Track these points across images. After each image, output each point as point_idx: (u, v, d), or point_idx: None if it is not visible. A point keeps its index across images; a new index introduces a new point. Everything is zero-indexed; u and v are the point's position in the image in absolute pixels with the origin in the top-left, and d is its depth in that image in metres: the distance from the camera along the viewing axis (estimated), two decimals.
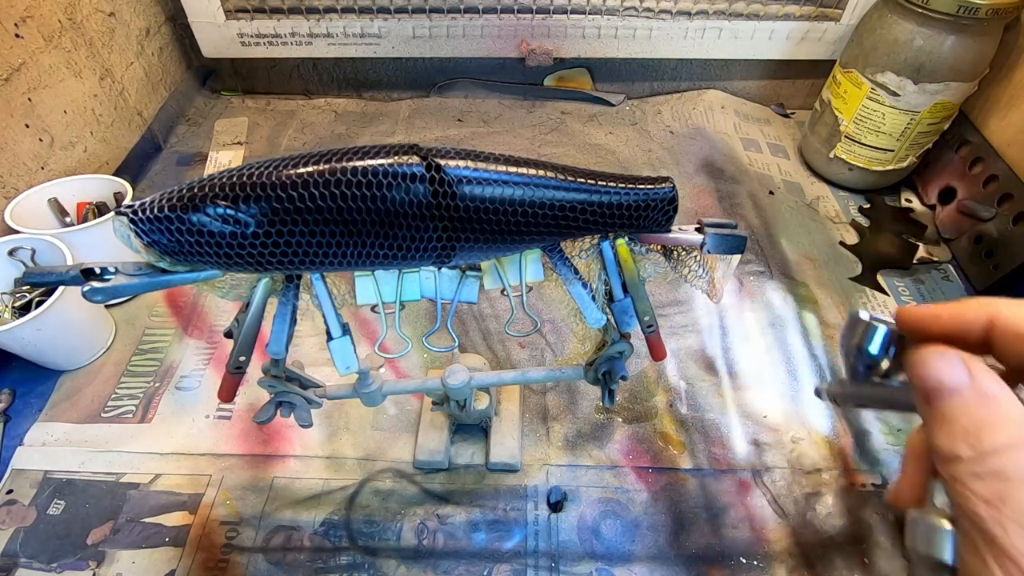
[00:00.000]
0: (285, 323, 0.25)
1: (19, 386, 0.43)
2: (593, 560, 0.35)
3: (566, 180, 0.23)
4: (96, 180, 0.49)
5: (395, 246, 0.22)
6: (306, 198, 0.20)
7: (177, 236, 0.21)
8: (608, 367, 0.31)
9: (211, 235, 0.21)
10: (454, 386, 0.31)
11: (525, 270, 0.26)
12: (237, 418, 0.42)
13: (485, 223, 0.22)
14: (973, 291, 0.53)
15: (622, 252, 0.26)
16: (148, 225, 0.21)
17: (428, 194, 0.21)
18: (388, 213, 0.21)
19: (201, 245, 0.21)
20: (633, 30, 0.67)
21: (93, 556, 0.35)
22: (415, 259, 0.23)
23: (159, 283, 0.23)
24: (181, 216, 0.20)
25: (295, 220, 0.21)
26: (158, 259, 0.22)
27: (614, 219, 0.24)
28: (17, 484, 0.38)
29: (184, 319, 0.48)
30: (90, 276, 0.21)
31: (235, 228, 0.20)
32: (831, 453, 0.41)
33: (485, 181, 0.22)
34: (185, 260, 0.22)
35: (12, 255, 0.42)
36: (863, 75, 0.56)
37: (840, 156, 0.61)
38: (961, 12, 0.48)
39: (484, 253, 0.24)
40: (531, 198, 0.22)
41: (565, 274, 0.26)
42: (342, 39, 0.67)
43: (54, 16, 0.52)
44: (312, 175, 0.20)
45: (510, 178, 0.22)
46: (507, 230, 0.22)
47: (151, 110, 0.65)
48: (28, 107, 0.48)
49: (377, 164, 0.21)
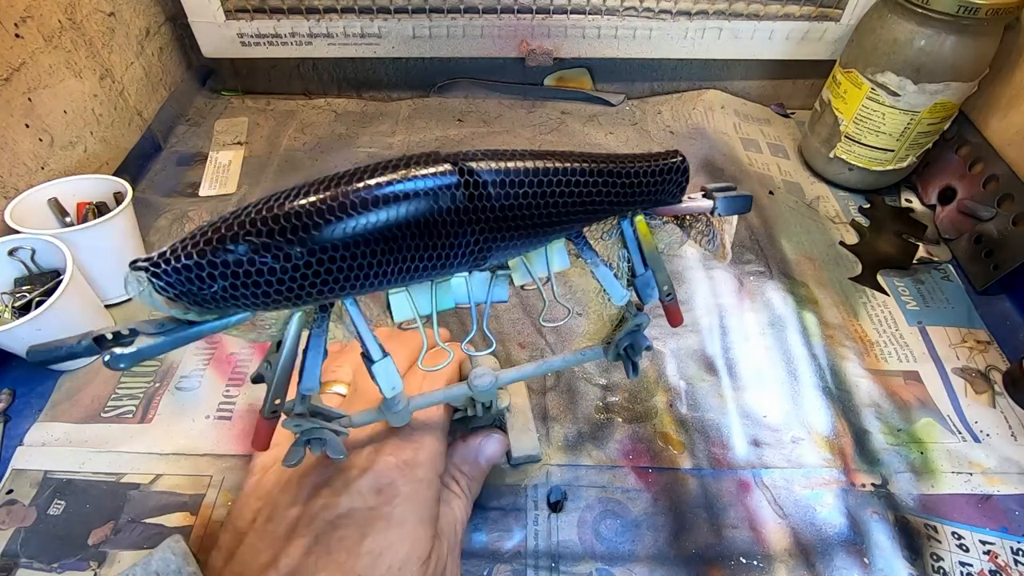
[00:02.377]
0: (319, 356, 0.24)
1: (19, 386, 0.43)
2: (593, 560, 0.35)
3: (589, 166, 0.23)
4: (96, 180, 0.49)
5: (435, 256, 0.22)
6: (347, 222, 0.19)
7: (209, 283, 0.19)
8: (630, 341, 0.31)
9: (247, 275, 0.19)
10: (482, 388, 0.31)
11: (552, 260, 0.27)
12: (237, 418, 0.42)
13: (519, 219, 0.22)
14: (973, 291, 0.53)
15: (641, 228, 0.27)
16: (174, 276, 0.19)
17: (464, 199, 0.21)
18: (428, 224, 0.21)
19: (236, 288, 0.19)
20: (633, 30, 0.67)
21: (94, 556, 0.35)
22: (453, 266, 0.23)
23: (189, 337, 0.21)
24: (213, 260, 0.19)
25: (336, 246, 0.20)
26: (184, 312, 0.20)
27: (633, 197, 0.25)
28: (17, 484, 0.38)
29: None
30: (102, 342, 0.20)
31: (274, 264, 0.19)
32: (831, 453, 0.41)
33: (515, 181, 0.22)
34: (216, 307, 0.20)
35: (12, 255, 0.42)
36: (863, 75, 0.56)
37: (840, 156, 0.61)
38: (961, 12, 0.48)
39: (517, 250, 0.24)
40: (560, 190, 0.23)
41: (590, 258, 0.27)
42: (342, 39, 0.67)
43: (54, 16, 0.52)
44: (348, 197, 0.20)
45: (538, 174, 0.22)
46: (540, 223, 0.23)
47: (151, 110, 0.65)
48: (28, 107, 0.48)
49: (413, 177, 0.20)
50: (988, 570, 0.36)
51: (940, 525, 0.37)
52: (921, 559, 0.36)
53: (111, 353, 0.19)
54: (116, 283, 0.48)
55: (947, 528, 0.37)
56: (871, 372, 0.46)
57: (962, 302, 0.52)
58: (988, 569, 0.36)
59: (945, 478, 0.40)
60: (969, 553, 0.36)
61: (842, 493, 0.39)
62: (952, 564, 0.36)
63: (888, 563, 0.36)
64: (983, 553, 0.36)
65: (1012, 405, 0.44)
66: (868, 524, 0.37)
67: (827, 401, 0.44)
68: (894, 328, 0.50)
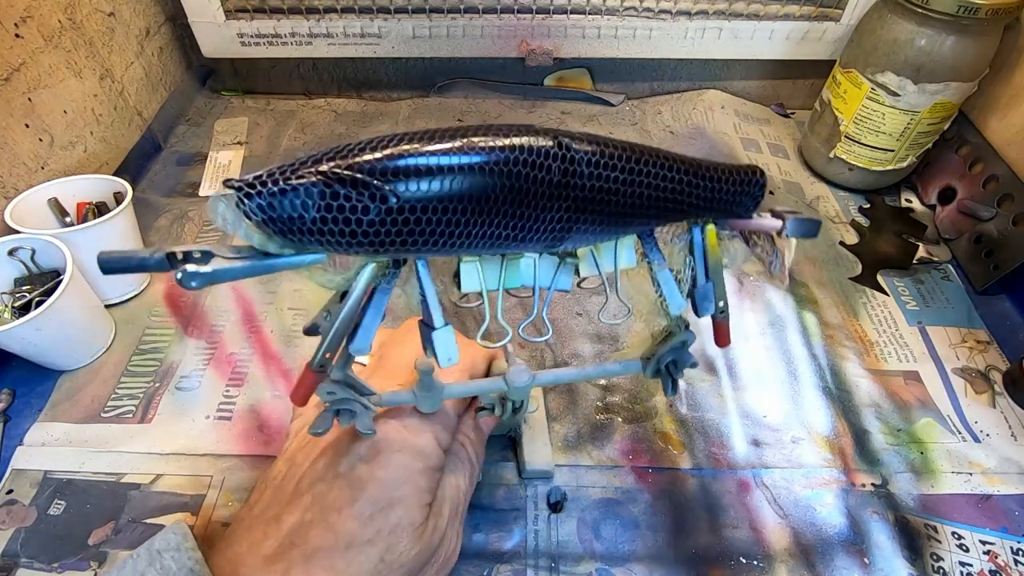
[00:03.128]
0: (379, 315, 0.24)
1: (19, 386, 0.43)
2: (593, 560, 0.35)
3: (675, 163, 0.24)
4: (96, 180, 0.49)
5: (520, 227, 0.22)
6: (447, 176, 0.20)
7: (302, 212, 0.19)
8: (674, 357, 0.31)
9: (340, 210, 0.19)
10: (518, 385, 0.30)
11: (620, 256, 0.27)
12: (238, 419, 0.42)
13: (605, 203, 0.23)
14: (973, 291, 0.53)
15: (710, 238, 0.27)
16: (269, 199, 0.19)
17: (559, 172, 0.21)
18: (522, 191, 0.21)
19: (327, 222, 0.19)
20: (633, 30, 0.67)
21: (95, 556, 0.35)
22: (533, 240, 0.23)
23: (263, 268, 0.21)
24: (310, 189, 0.19)
25: (432, 198, 0.20)
26: (265, 241, 0.20)
27: (710, 202, 0.25)
28: (17, 484, 0.38)
29: (184, 319, 0.48)
30: (174, 259, 0.19)
31: (369, 203, 0.19)
32: (831, 453, 0.41)
33: (608, 163, 0.22)
34: (298, 241, 0.20)
35: (12, 255, 0.42)
36: (863, 75, 0.56)
37: (840, 156, 0.61)
38: (961, 12, 0.48)
39: (594, 236, 0.24)
40: (647, 180, 0.23)
41: (657, 259, 0.27)
42: (342, 39, 0.67)
43: (54, 16, 0.52)
44: (452, 151, 0.20)
45: (630, 160, 0.23)
46: (623, 211, 0.23)
47: (151, 110, 0.65)
48: (28, 107, 0.48)
49: (518, 143, 0.21)
50: (988, 570, 0.36)
51: (940, 525, 0.37)
52: (921, 559, 0.36)
53: (183, 270, 0.19)
54: (116, 283, 0.48)
55: (947, 528, 0.37)
56: (871, 372, 0.46)
57: (962, 302, 0.52)
58: (988, 569, 0.36)
59: (945, 478, 0.40)
60: (969, 553, 0.36)
61: (842, 493, 0.39)
62: (952, 564, 0.36)
63: (888, 563, 0.36)
64: (983, 553, 0.36)
65: (1012, 405, 0.44)
66: (868, 524, 0.37)
67: (827, 401, 0.44)
68: (894, 328, 0.50)
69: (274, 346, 0.46)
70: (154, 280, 0.51)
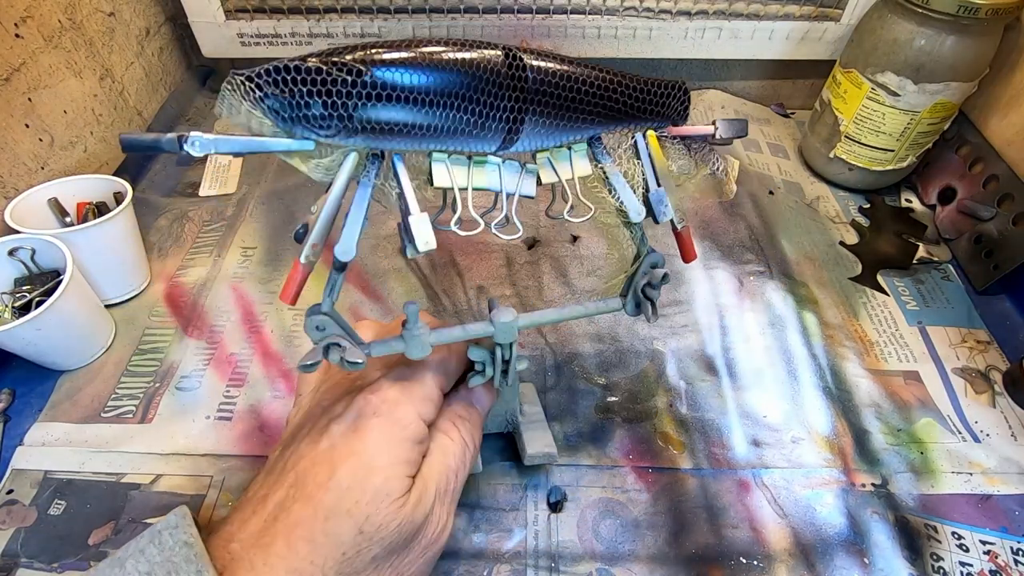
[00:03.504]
0: (361, 213, 0.26)
1: (19, 386, 0.43)
2: (593, 560, 0.35)
3: (608, 71, 0.30)
4: (96, 180, 0.49)
5: (478, 112, 0.27)
6: (423, 64, 0.25)
7: (295, 86, 0.23)
8: (648, 279, 0.33)
9: (324, 83, 0.24)
10: (503, 321, 0.31)
11: (575, 164, 0.31)
12: (238, 419, 0.42)
13: (549, 97, 0.28)
14: (973, 291, 0.53)
15: (653, 142, 0.32)
16: (269, 76, 0.23)
17: (507, 67, 0.27)
18: (477, 80, 0.26)
19: (315, 95, 0.24)
20: (633, 30, 0.67)
21: (95, 556, 0.35)
22: (491, 130, 0.27)
23: (258, 145, 0.25)
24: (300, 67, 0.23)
25: (407, 78, 0.25)
26: (260, 124, 0.24)
27: (643, 105, 0.31)
28: (17, 484, 0.38)
29: (184, 319, 0.48)
30: (183, 139, 0.24)
31: (351, 78, 0.24)
32: (831, 453, 0.41)
33: (549, 68, 0.28)
34: (292, 119, 0.24)
35: (12, 255, 0.42)
36: (863, 75, 0.56)
37: (840, 156, 0.61)
38: (961, 12, 0.48)
39: (545, 133, 0.29)
40: (585, 77, 0.29)
41: (608, 162, 0.31)
42: (342, 39, 0.67)
43: (54, 16, 0.52)
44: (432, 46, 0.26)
45: (567, 63, 0.28)
46: (566, 106, 0.28)
47: (151, 110, 0.65)
48: (28, 107, 0.48)
49: (471, 47, 0.27)
50: (988, 570, 0.36)
51: (940, 525, 0.37)
52: (921, 559, 0.36)
53: (189, 137, 0.23)
54: (116, 283, 0.48)
55: (947, 528, 0.37)
56: (871, 372, 0.46)
57: (962, 302, 0.52)
58: (988, 569, 0.36)
59: (945, 478, 0.40)
60: (969, 553, 0.36)
61: (842, 493, 0.39)
62: (952, 564, 0.36)
63: (888, 563, 0.36)
64: (983, 553, 0.36)
65: (1012, 405, 0.44)
66: (868, 524, 0.37)
67: (827, 401, 0.44)
68: (894, 328, 0.50)
69: (274, 346, 0.47)
70: (154, 280, 0.51)
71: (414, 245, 0.27)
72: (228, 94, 0.23)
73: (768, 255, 0.55)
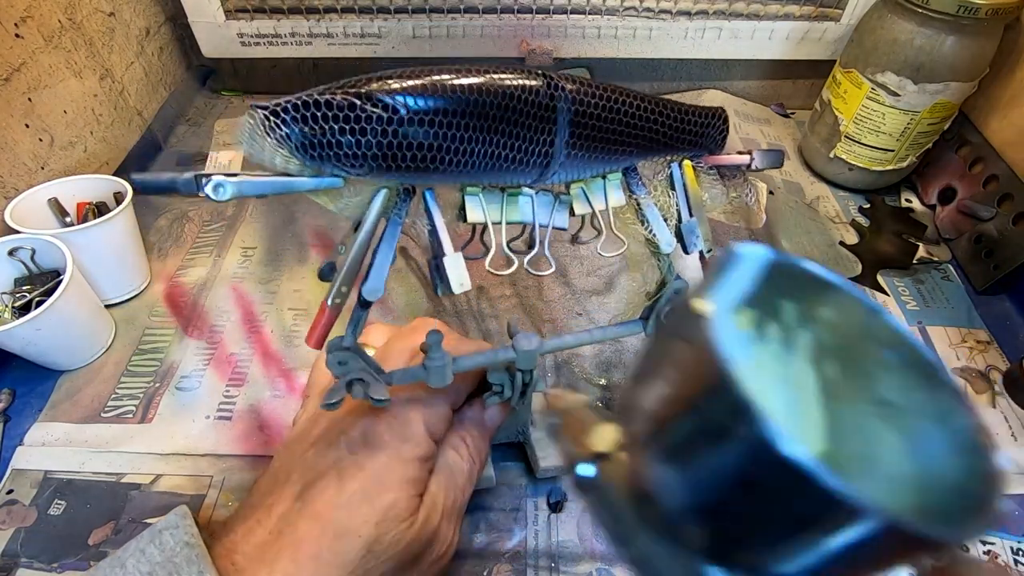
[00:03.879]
0: (391, 251, 0.25)
1: (19, 386, 0.43)
2: (593, 560, 0.35)
3: (648, 98, 0.28)
4: (96, 180, 0.49)
5: (513, 146, 0.25)
6: (458, 94, 0.23)
7: (323, 124, 0.22)
8: (670, 306, 0.33)
9: (356, 120, 0.22)
10: (526, 349, 0.30)
11: (609, 194, 0.30)
12: (237, 419, 0.42)
13: (588, 128, 0.26)
14: (973, 291, 0.53)
15: (688, 172, 0.30)
16: (296, 112, 0.21)
17: (546, 97, 0.25)
18: (513, 111, 0.25)
19: (344, 133, 0.22)
20: (633, 30, 0.67)
21: (95, 556, 0.35)
22: (527, 164, 0.26)
23: (284, 186, 0.23)
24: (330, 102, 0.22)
25: (443, 111, 0.23)
26: (287, 161, 0.22)
27: (682, 135, 0.29)
28: (17, 484, 0.38)
29: (184, 319, 0.48)
30: (200, 179, 0.21)
31: (384, 114, 0.22)
32: None
33: (590, 92, 0.26)
34: (319, 157, 0.22)
35: (12, 255, 0.42)
36: (863, 75, 0.56)
37: (840, 156, 0.61)
38: (961, 12, 0.48)
39: (582, 164, 0.27)
40: (626, 108, 0.27)
41: (643, 194, 0.30)
42: (342, 39, 0.67)
43: (54, 16, 0.52)
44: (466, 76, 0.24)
45: (607, 90, 0.27)
46: (604, 137, 0.27)
47: (151, 110, 0.65)
48: (28, 107, 0.48)
49: (513, 75, 0.25)
50: None
51: None
52: None
53: (212, 180, 0.21)
54: (116, 283, 0.48)
55: None
56: None
57: (962, 302, 0.52)
58: None
59: None
60: (969, 553, 0.36)
61: None
62: None
63: None
64: (983, 553, 0.36)
65: (1012, 405, 0.44)
66: None
67: None
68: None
69: (274, 346, 0.47)
70: (154, 280, 0.51)
71: (447, 285, 0.26)
72: (249, 128, 0.22)
73: None
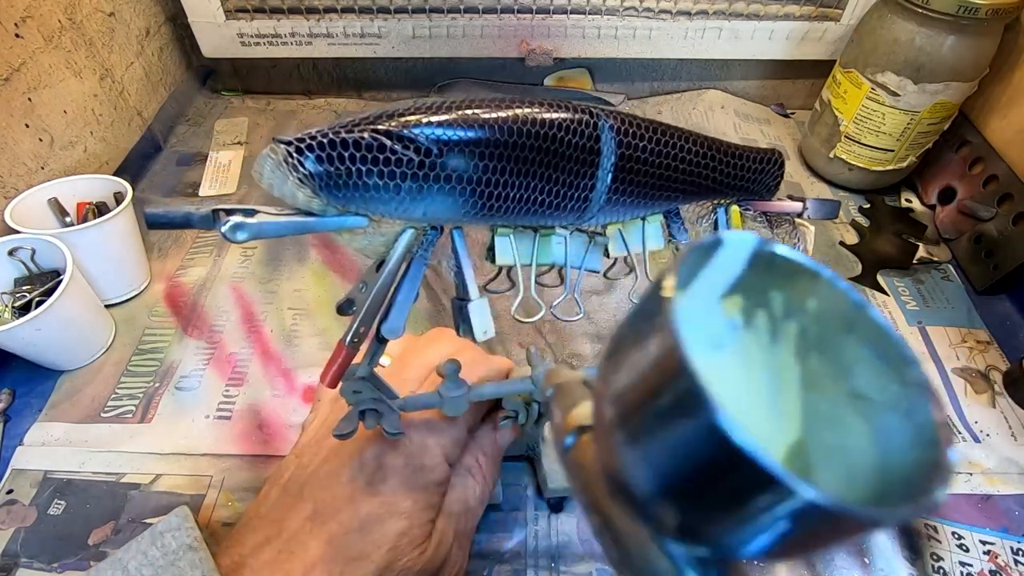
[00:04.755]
0: (413, 291, 0.23)
1: (19, 386, 0.43)
2: (593, 560, 0.35)
3: (701, 139, 0.25)
4: (96, 180, 0.49)
5: (552, 191, 0.23)
6: (494, 133, 0.21)
7: (351, 164, 0.20)
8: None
9: (387, 163, 0.20)
10: None
11: (647, 236, 0.28)
12: (237, 418, 0.42)
13: (633, 172, 0.24)
14: (973, 291, 0.53)
15: (735, 219, 0.28)
16: (322, 152, 0.20)
17: (590, 139, 0.23)
18: (554, 153, 0.22)
19: (373, 175, 0.20)
20: (633, 30, 0.67)
21: (95, 556, 0.35)
22: (565, 208, 0.24)
23: (307, 226, 0.21)
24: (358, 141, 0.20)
25: (478, 154, 0.21)
26: (310, 200, 0.21)
27: (734, 181, 0.27)
28: (17, 484, 0.38)
29: (184, 319, 0.48)
30: (218, 214, 0.20)
31: (415, 157, 0.20)
32: None
33: (638, 134, 0.24)
34: (345, 197, 0.21)
35: (12, 255, 0.42)
36: (863, 75, 0.56)
37: (840, 156, 0.61)
38: (961, 12, 0.48)
39: (624, 208, 0.25)
40: (673, 152, 0.25)
41: (684, 239, 0.28)
42: (342, 39, 0.67)
43: (54, 16, 0.52)
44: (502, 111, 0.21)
45: (656, 132, 0.24)
46: (652, 183, 0.25)
47: (151, 110, 0.65)
48: (28, 107, 0.48)
49: (553, 110, 0.23)
50: (988, 570, 0.36)
51: (940, 525, 0.37)
52: (921, 559, 0.36)
53: (230, 221, 0.19)
54: (116, 283, 0.48)
55: (947, 528, 0.37)
56: None
57: (962, 302, 0.52)
58: (988, 569, 0.36)
59: None
60: (969, 553, 0.36)
61: None
62: (952, 564, 0.36)
63: (888, 563, 0.36)
64: (983, 553, 0.36)
65: (1012, 405, 0.44)
66: None
67: None
68: (894, 328, 0.49)
69: (274, 346, 0.46)
70: (154, 280, 0.51)
71: (470, 331, 0.25)
72: (272, 163, 0.20)
73: None
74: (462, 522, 0.29)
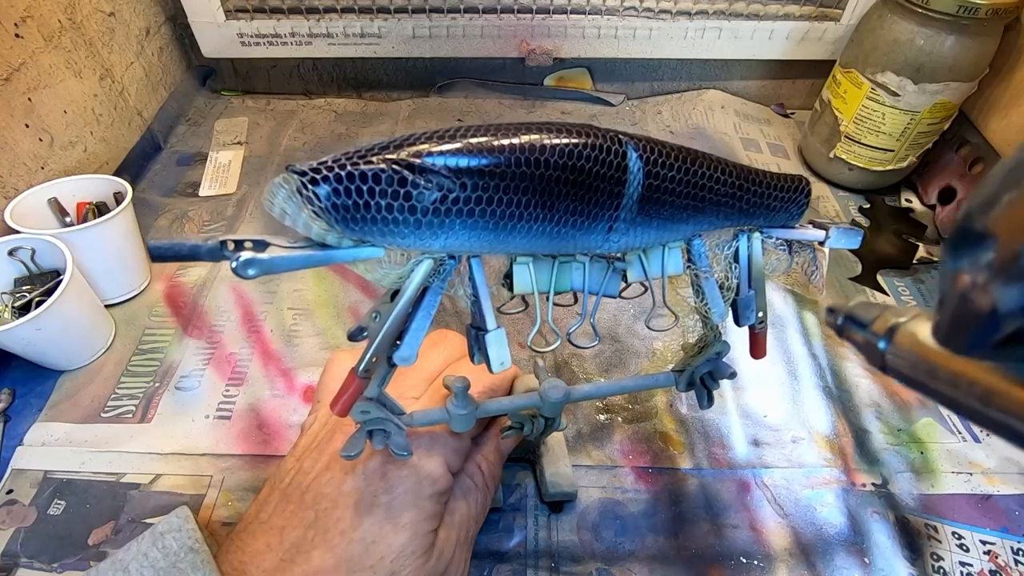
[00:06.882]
0: (428, 320, 0.23)
1: (19, 386, 0.43)
2: (593, 560, 0.35)
3: (728, 166, 0.25)
4: (96, 180, 0.49)
5: (577, 224, 0.23)
6: (520, 164, 0.20)
7: (368, 198, 0.19)
8: (711, 368, 0.31)
9: (407, 197, 0.19)
10: (553, 399, 0.30)
11: (667, 263, 0.27)
12: (237, 418, 0.42)
13: (659, 199, 0.24)
14: None
15: (757, 247, 0.27)
16: (338, 184, 0.19)
17: (616, 168, 0.22)
18: (582, 184, 0.22)
19: (392, 209, 0.19)
20: (633, 30, 0.67)
21: (95, 556, 0.35)
22: (588, 235, 0.23)
23: (321, 259, 0.20)
24: (378, 174, 0.19)
25: (503, 187, 0.20)
26: (324, 232, 0.20)
27: (760, 209, 0.26)
28: (17, 484, 0.38)
29: (184, 319, 0.48)
30: (226, 247, 0.19)
31: (437, 192, 0.20)
32: (831, 453, 0.41)
33: (665, 162, 0.23)
34: (361, 230, 0.20)
35: (12, 255, 0.42)
36: (863, 75, 0.56)
37: (840, 156, 0.61)
38: (961, 12, 0.48)
39: (648, 234, 0.25)
40: (701, 183, 0.24)
41: (704, 266, 0.27)
42: (342, 39, 0.67)
43: (54, 16, 0.52)
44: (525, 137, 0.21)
45: (686, 160, 0.24)
46: (676, 207, 0.24)
47: (151, 110, 0.65)
48: (28, 107, 0.48)
49: (583, 138, 0.22)
50: (988, 570, 0.36)
51: (940, 525, 0.37)
52: (921, 559, 0.36)
53: (240, 258, 0.18)
54: (116, 283, 0.48)
55: (947, 528, 0.37)
56: (871, 372, 0.46)
57: None
58: (988, 569, 0.36)
59: (945, 478, 0.40)
60: (969, 553, 0.36)
61: (842, 493, 0.39)
62: (952, 564, 0.36)
63: (888, 563, 0.36)
64: (983, 553, 0.36)
65: None
66: (868, 524, 0.37)
67: (827, 401, 0.44)
68: None
69: (274, 346, 0.46)
70: (154, 280, 0.51)
71: (487, 361, 0.24)
72: (285, 193, 0.19)
73: None
74: (463, 530, 0.30)
